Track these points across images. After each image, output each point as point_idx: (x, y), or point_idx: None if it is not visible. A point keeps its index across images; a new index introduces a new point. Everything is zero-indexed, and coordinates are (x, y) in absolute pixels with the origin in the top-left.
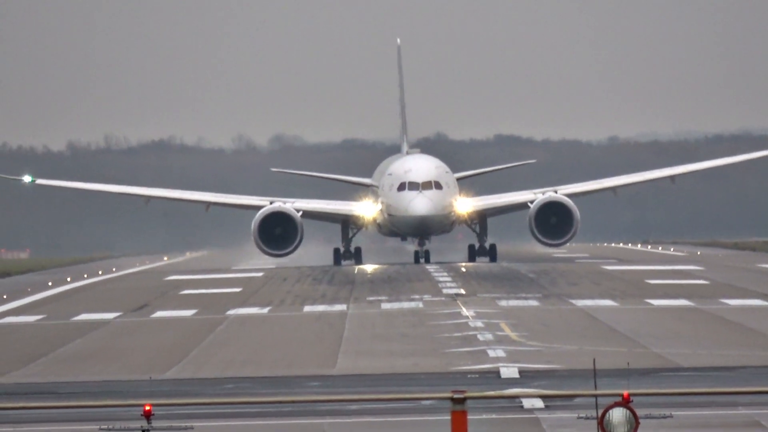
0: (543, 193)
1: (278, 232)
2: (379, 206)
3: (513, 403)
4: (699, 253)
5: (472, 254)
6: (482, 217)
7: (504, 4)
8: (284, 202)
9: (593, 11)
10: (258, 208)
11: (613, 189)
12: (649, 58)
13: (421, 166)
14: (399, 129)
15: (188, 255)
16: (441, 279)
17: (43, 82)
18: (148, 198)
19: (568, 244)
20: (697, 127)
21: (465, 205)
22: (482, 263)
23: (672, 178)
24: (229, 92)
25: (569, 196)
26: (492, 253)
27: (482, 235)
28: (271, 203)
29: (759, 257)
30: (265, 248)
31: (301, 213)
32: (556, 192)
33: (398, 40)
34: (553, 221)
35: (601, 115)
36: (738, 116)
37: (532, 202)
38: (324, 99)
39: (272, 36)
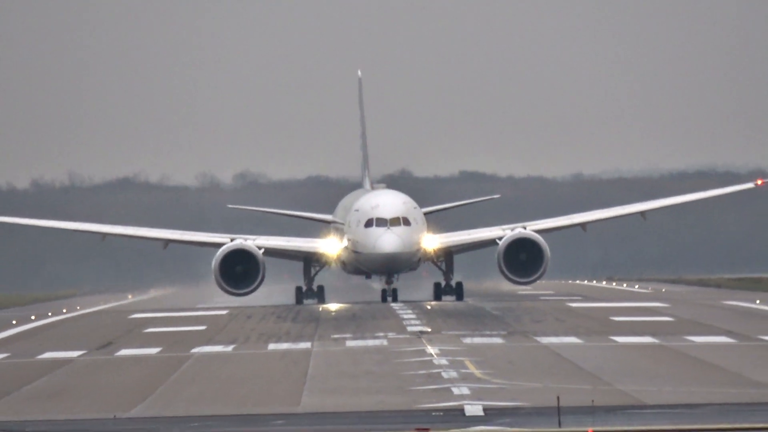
0: (512, 230)
1: (240, 270)
2: (344, 243)
3: None
4: (664, 290)
5: (438, 292)
6: (448, 254)
7: (466, 42)
8: (245, 239)
9: (554, 49)
10: (218, 245)
11: (582, 225)
12: (612, 95)
13: (388, 201)
14: (360, 164)
15: (152, 293)
16: (405, 316)
17: (6, 119)
18: (104, 235)
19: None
20: (661, 163)
21: (431, 242)
22: (448, 302)
23: (643, 213)
24: (193, 129)
25: (538, 232)
26: (458, 292)
27: (448, 272)
28: (231, 240)
29: (724, 294)
30: (227, 287)
31: (263, 250)
32: (525, 228)
33: (359, 72)
34: (522, 258)
35: (565, 151)
36: (703, 152)
37: (500, 238)
38: (289, 136)
39: (235, 72)
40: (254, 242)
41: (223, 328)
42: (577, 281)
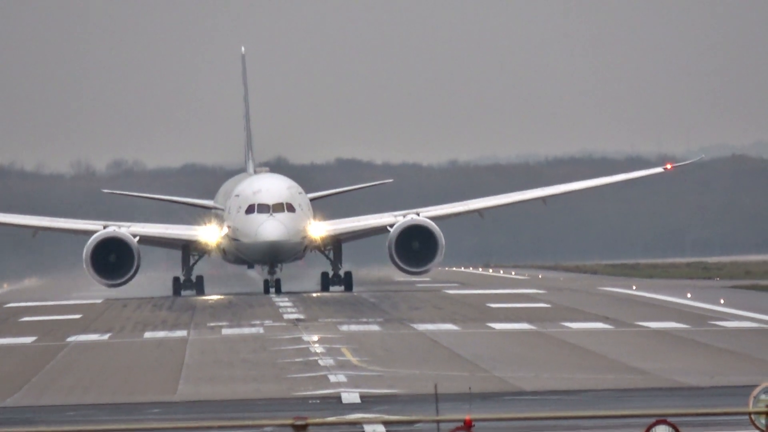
0: (404, 216)
1: (113, 260)
2: (225, 231)
3: (355, 428)
4: (540, 276)
5: (326, 283)
6: (336, 243)
7: (341, 29)
8: (119, 227)
9: (428, 36)
10: (91, 233)
11: (480, 211)
12: (485, 82)
13: (271, 186)
14: (243, 146)
15: (27, 282)
16: (282, 304)
17: None
18: None
19: (431, 270)
20: (537, 150)
21: (318, 230)
22: (334, 292)
23: (544, 199)
24: (67, 117)
25: (433, 219)
26: (347, 282)
27: (337, 261)
28: (104, 228)
29: (600, 280)
30: (98, 277)
31: (138, 238)
32: (418, 214)
33: (242, 49)
34: (415, 246)
35: (440, 138)
36: (579, 139)
37: (392, 225)
38: (164, 123)
39: (110, 57)
40: (129, 230)
41: (98, 316)
42: (454, 268)
